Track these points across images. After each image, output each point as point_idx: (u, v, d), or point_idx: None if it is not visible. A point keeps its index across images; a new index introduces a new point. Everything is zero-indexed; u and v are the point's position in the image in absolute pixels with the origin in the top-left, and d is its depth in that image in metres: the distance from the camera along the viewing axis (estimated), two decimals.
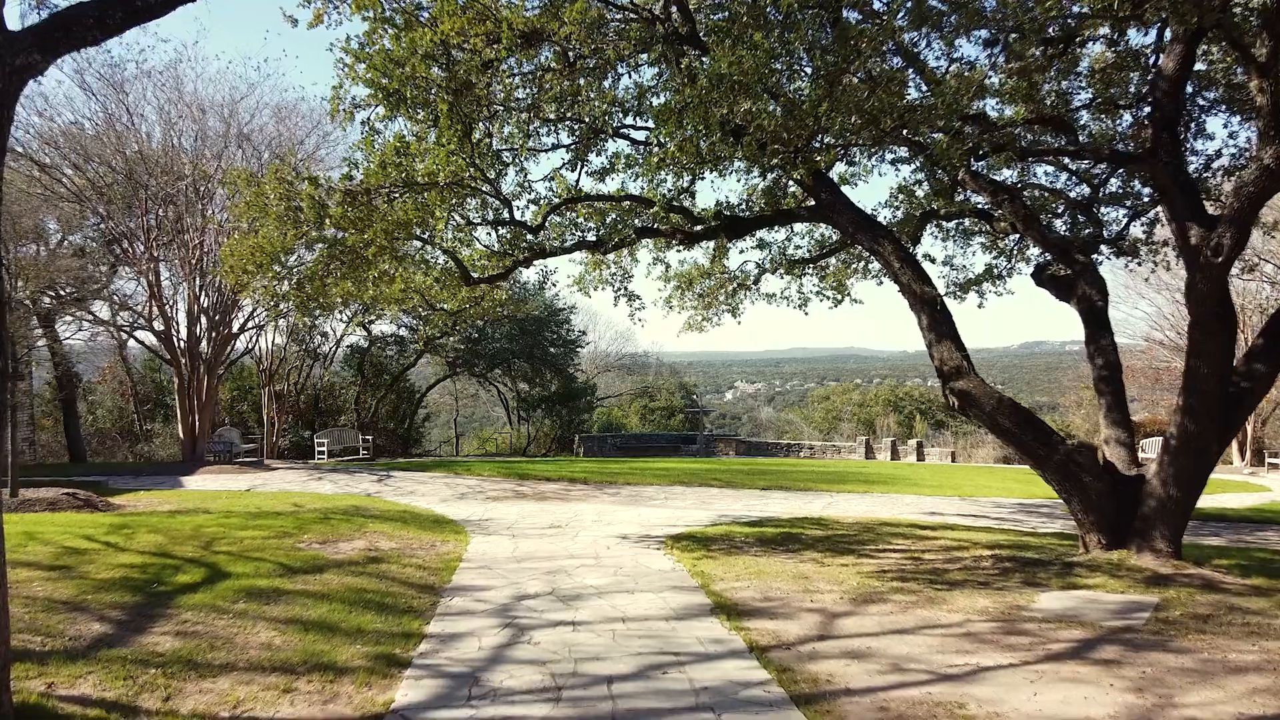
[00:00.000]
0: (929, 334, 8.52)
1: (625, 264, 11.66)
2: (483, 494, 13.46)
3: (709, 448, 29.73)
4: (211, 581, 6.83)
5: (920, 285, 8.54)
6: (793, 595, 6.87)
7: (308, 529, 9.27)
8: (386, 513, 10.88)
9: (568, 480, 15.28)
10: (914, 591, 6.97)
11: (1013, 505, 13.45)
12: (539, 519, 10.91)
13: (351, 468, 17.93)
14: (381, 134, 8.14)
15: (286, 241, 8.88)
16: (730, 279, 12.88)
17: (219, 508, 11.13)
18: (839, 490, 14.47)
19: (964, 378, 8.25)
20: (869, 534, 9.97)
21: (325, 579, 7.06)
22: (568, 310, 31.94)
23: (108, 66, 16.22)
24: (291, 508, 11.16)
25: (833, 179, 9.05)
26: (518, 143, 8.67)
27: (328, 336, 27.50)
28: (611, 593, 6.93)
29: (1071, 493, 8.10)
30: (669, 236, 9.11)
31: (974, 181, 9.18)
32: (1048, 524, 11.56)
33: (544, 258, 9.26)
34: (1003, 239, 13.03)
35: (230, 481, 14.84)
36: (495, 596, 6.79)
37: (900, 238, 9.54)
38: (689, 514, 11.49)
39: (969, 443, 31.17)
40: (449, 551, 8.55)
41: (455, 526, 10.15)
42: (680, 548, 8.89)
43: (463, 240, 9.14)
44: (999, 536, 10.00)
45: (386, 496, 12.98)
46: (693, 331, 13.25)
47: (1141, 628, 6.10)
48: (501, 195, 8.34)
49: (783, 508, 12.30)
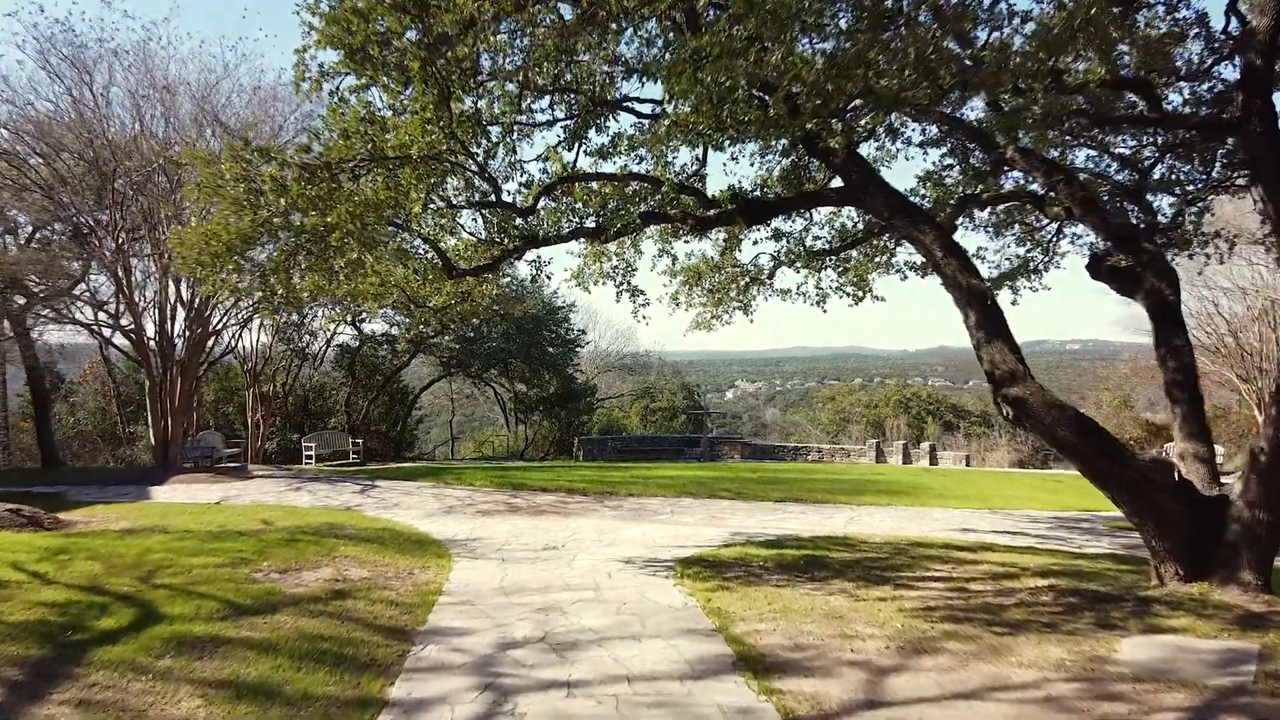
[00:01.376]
0: (977, 333, 7.44)
1: (628, 256, 10.59)
2: (472, 507, 12.38)
3: (713, 451, 28.64)
4: (139, 627, 5.76)
5: (967, 277, 7.46)
6: (828, 642, 5.80)
7: (269, 554, 8.19)
8: (363, 532, 9.81)
9: (565, 491, 14.20)
10: (971, 637, 5.90)
11: (1049, 520, 12.39)
12: (532, 538, 9.84)
13: (335, 477, 16.85)
14: (350, 103, 7.06)
15: (244, 228, 7.80)
16: (742, 273, 11.81)
17: (179, 525, 10.06)
18: (859, 503, 13.39)
19: (1019, 383, 7.17)
20: (902, 557, 8.90)
21: (277, 622, 5.99)
22: (567, 308, 30.85)
23: (72, 47, 15.14)
24: (259, 526, 10.08)
25: (864, 157, 7.97)
26: (506, 117, 7.60)
27: (316, 335, 26.41)
28: (614, 639, 5.86)
29: (1144, 516, 7.03)
30: (679, 222, 8.03)
31: (1024, 160, 8.10)
32: (1094, 543, 10.49)
33: (537, 246, 8.19)
34: (1039, 231, 12.00)
35: (201, 492, 13.77)
36: (476, 644, 5.72)
37: None
38: (699, 532, 10.42)
39: (982, 445, 30.11)
40: (428, 581, 7.47)
41: (438, 548, 9.08)
42: (692, 575, 7.82)
43: (445, 227, 8.07)
44: (1047, 560, 8.93)
45: (367, 511, 11.91)
46: (701, 330, 12.18)
47: (1254, 687, 5.04)
48: (486, 172, 7.26)
49: (801, 524, 11.23)
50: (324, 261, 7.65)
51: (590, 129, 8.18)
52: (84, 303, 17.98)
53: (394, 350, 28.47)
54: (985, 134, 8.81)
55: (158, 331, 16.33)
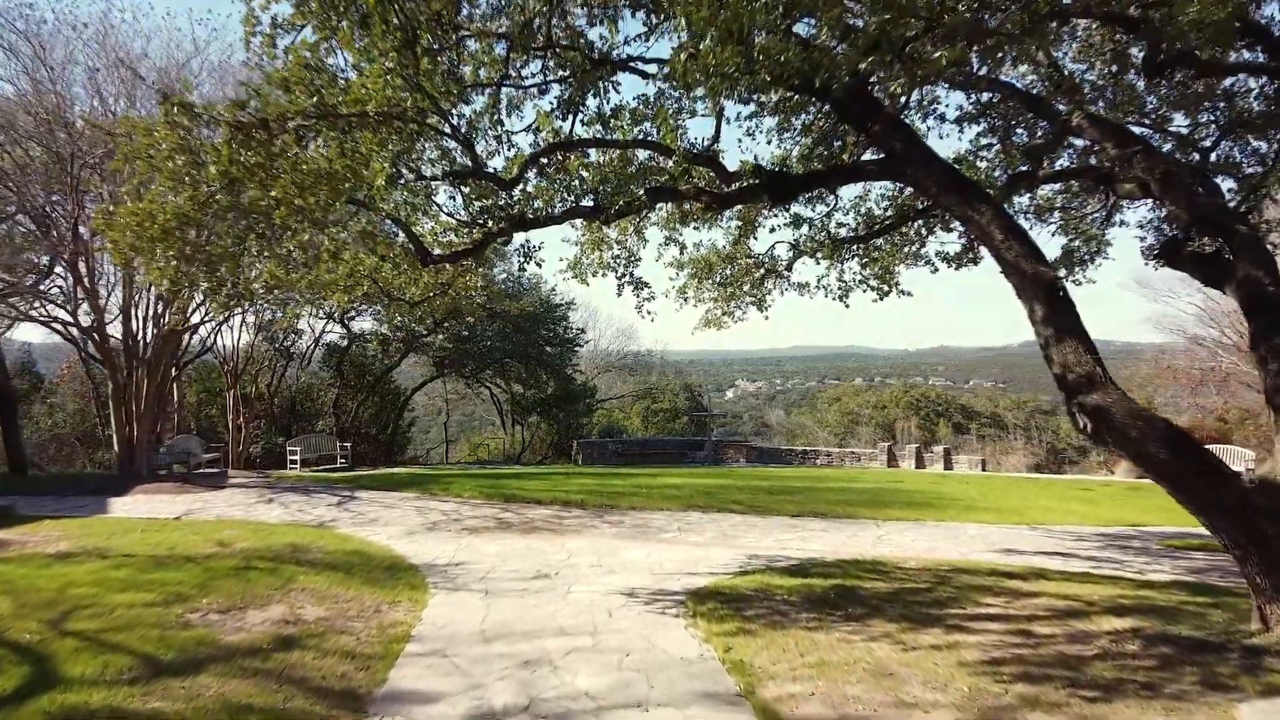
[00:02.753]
0: (1045, 329, 6.28)
1: (631, 244, 9.46)
2: (459, 523, 11.23)
3: (717, 454, 27.50)
4: (22, 696, 4.61)
5: (1033, 263, 6.30)
6: (881, 712, 4.66)
7: (213, 587, 7.04)
8: (330, 556, 8.66)
9: (561, 504, 13.04)
10: (1056, 705, 4.76)
11: (1094, 537, 11.24)
12: (523, 562, 8.69)
13: (315, 485, 15.69)
14: (292, 45, 5.88)
15: (183, 206, 6.66)
16: (757, 264, 10.67)
17: (124, 547, 8.91)
18: (884, 517, 12.21)
19: (1098, 389, 6.01)
20: (946, 588, 7.75)
21: (198, 686, 4.84)
22: (565, 306, 29.69)
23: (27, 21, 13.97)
24: (213, 548, 8.93)
25: (908, 124, 6.82)
26: (488, 75, 6.45)
27: (302, 334, 25.26)
28: (615, 708, 4.72)
29: (1247, 546, 5.87)
30: (692, 200, 6.88)
31: (1094, 127, 6.94)
32: (1153, 567, 9.34)
33: (526, 229, 7.03)
34: (1084, 219, 10.87)
35: (165, 505, 12.62)
36: (443, 716, 4.58)
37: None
38: (710, 554, 9.27)
39: (997, 448, 28.97)
40: (396, 623, 6.32)
41: (413, 576, 7.93)
42: (706, 614, 6.66)
43: (417, 206, 6.92)
44: (1112, 591, 7.78)
45: (341, 527, 10.75)
46: (711, 328, 11.05)
47: None
48: (462, 136, 6.09)
49: (824, 544, 10.07)
50: (277, 246, 6.49)
51: (588, 94, 7.03)
52: (47, 299, 16.79)
53: (384, 349, 27.33)
54: (1042, 101, 7.67)
55: (123, 328, 15.14)
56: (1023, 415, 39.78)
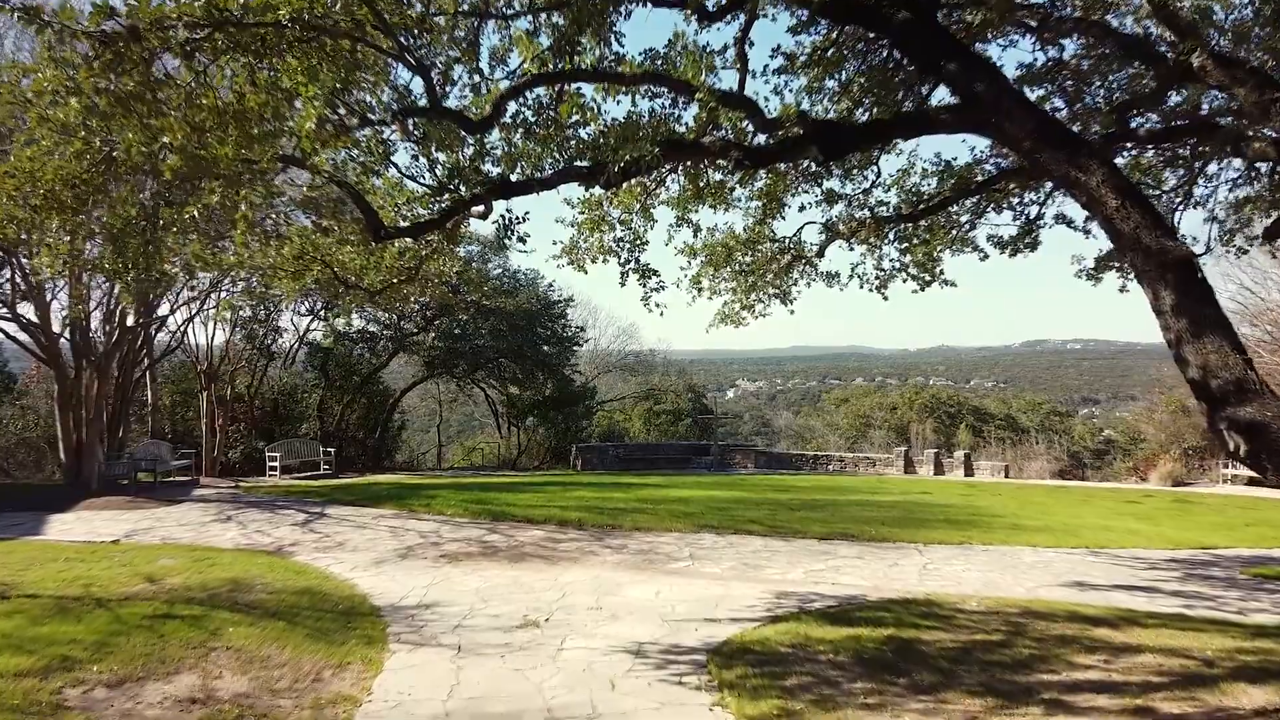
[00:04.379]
0: (1176, 320, 4.83)
1: (637, 225, 8.03)
2: (437, 548, 9.79)
3: (724, 460, 26.07)
4: None
5: (1158, 236, 4.88)
6: None
7: (114, 646, 5.61)
8: (275, 596, 7.22)
9: (556, 523, 11.59)
10: None
11: (1168, 564, 9.79)
12: (507, 604, 7.26)
13: (284, 498, 14.26)
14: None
15: (71, 166, 5.24)
16: (782, 249, 9.25)
17: (33, 583, 7.48)
18: (925, 541, 10.69)
19: (1251, 399, 4.56)
20: (1024, 640, 6.31)
21: None
22: (564, 303, 28.21)
23: None
24: (138, 585, 7.50)
25: (993, 63, 5.41)
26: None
27: (284, 331, 23.83)
28: None
29: None
30: (719, 156, 5.44)
31: (1222, 70, 5.51)
32: (1251, 602, 7.92)
33: (507, 195, 5.61)
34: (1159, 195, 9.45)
35: (107, 524, 11.19)
36: None
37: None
38: (731, 591, 7.84)
39: (1018, 454, 27.50)
40: (336, 699, 4.89)
41: (372, 625, 6.49)
42: (735, 684, 5.22)
43: (369, 165, 5.48)
44: (1228, 642, 6.35)
45: (300, 554, 9.31)
46: (728, 325, 9.62)
47: None
48: (414, 56, 4.63)
49: (863, 576, 8.63)
50: (183, 213, 5.05)
51: (585, 31, 5.60)
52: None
53: (372, 349, 25.90)
54: (1148, 43, 6.25)
55: (70, 323, 13.68)
56: (1038, 418, 38.35)
